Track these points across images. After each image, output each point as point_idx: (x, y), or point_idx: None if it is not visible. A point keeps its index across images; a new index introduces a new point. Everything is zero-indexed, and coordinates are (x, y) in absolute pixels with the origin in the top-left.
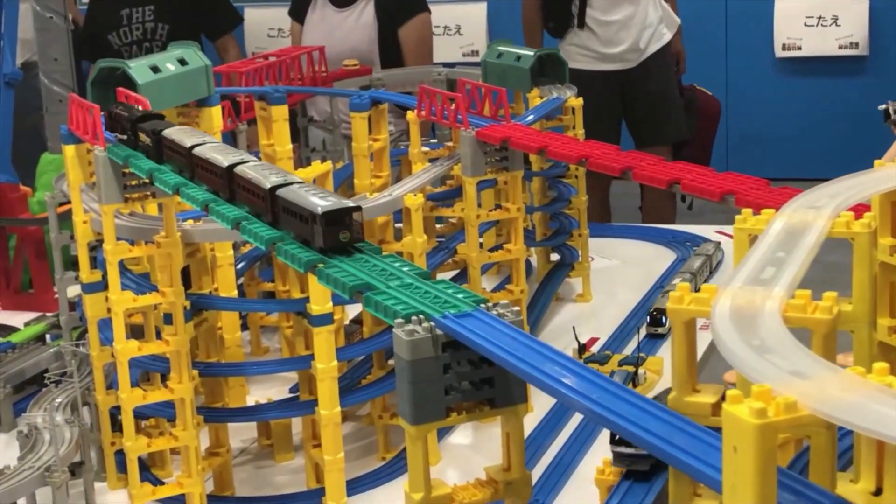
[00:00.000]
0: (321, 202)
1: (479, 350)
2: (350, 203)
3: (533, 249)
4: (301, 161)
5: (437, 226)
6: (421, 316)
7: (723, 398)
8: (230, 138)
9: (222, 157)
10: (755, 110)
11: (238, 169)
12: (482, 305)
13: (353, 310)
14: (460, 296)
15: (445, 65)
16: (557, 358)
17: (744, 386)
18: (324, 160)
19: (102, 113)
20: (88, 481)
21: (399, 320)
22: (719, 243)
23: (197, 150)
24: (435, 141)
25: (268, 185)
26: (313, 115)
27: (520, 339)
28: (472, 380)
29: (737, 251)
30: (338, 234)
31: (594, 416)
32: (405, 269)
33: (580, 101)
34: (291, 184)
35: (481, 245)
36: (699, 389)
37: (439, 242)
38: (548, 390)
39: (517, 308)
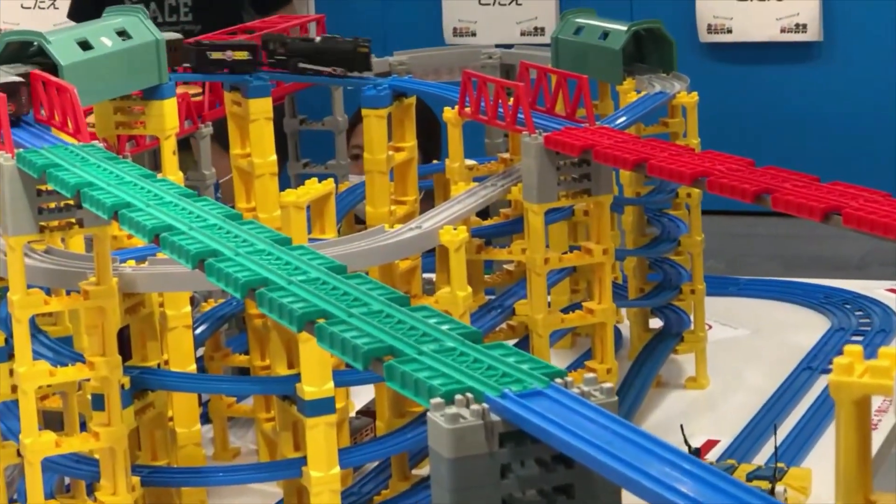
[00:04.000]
0: None
1: (554, 443)
2: (18, 79)
3: (625, 311)
4: (292, 180)
5: (487, 276)
6: (469, 394)
7: None
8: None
9: None
10: None
11: None
12: (557, 380)
13: (362, 396)
14: (525, 366)
15: (499, 46)
16: (668, 455)
17: None
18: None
19: None
20: None
21: (437, 400)
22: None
23: None
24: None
25: None
26: None
27: (613, 427)
28: (542, 487)
29: None
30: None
31: None
32: (445, 326)
33: (695, 97)
34: None
35: (550, 304)
36: (875, 500)
37: (489, 299)
38: (655, 500)
39: (609, 385)
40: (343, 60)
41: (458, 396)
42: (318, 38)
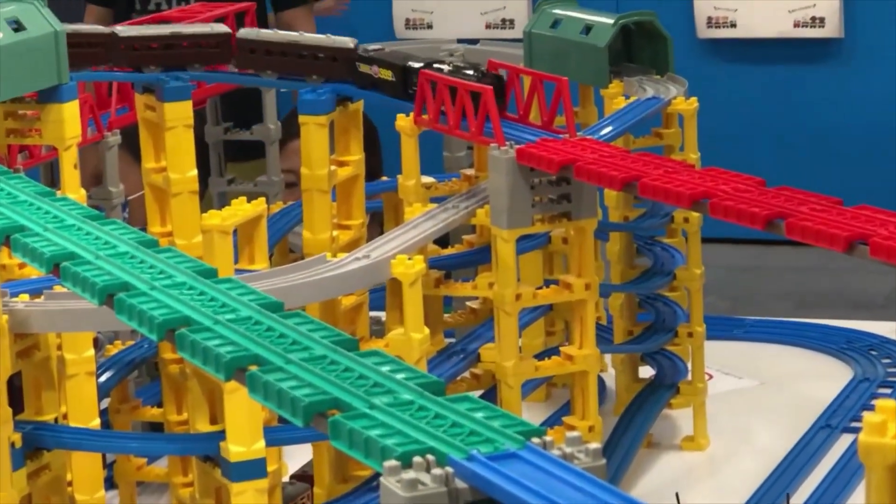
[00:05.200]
0: None
1: None
2: None
3: (610, 358)
4: (215, 199)
5: (447, 315)
6: (430, 456)
7: None
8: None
9: None
10: None
11: None
12: (535, 440)
13: (297, 457)
14: (496, 423)
15: (462, 41)
16: None
17: None
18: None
19: None
20: None
21: (392, 463)
22: None
23: None
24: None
25: None
26: None
27: (600, 495)
28: None
29: None
30: None
31: None
32: (401, 375)
33: (694, 103)
34: None
35: (521, 349)
36: None
37: (450, 342)
38: None
39: (595, 445)
40: None
41: (417, 459)
42: (445, 68)
